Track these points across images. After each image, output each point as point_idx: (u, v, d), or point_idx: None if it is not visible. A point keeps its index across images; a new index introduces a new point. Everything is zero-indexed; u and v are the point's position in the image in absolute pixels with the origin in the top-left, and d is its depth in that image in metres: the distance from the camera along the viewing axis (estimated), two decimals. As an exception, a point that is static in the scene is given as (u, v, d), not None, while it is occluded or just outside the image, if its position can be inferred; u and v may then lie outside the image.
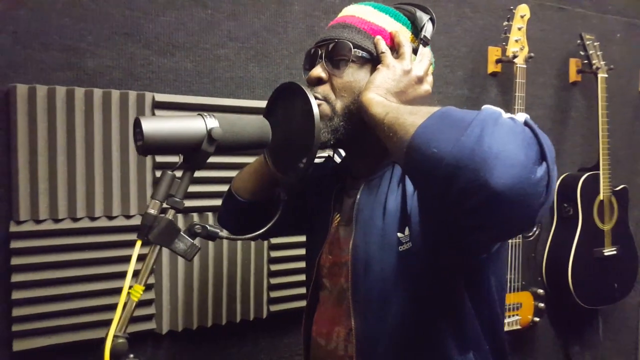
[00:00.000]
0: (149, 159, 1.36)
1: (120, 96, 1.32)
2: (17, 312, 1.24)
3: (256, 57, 1.50)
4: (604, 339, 2.26)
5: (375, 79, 0.85)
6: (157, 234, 0.79)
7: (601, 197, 2.03)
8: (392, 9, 0.95)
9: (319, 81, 0.91)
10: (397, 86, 0.86)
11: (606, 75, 2.04)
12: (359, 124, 0.88)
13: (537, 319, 1.92)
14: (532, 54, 1.84)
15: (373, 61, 0.90)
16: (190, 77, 1.42)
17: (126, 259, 1.31)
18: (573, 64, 2.12)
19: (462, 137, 0.60)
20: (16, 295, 1.24)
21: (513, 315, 1.86)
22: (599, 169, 2.02)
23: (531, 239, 1.92)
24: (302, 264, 1.56)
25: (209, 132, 0.80)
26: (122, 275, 1.31)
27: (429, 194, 0.70)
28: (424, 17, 0.93)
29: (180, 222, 1.40)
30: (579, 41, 2.03)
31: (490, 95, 1.95)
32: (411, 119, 0.69)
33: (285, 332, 1.59)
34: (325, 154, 1.12)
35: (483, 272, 0.88)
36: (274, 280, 1.54)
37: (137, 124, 0.76)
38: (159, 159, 1.36)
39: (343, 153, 1.09)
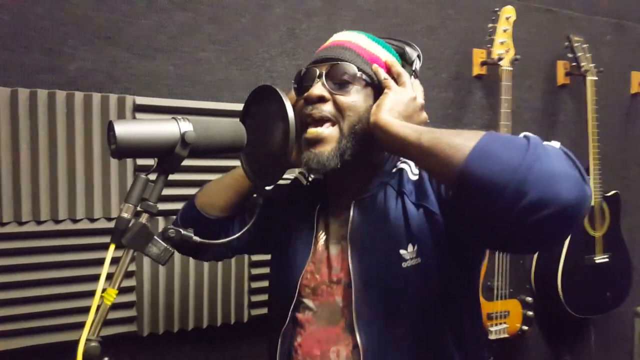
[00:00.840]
0: (129, 161, 1.44)
1: (101, 99, 1.40)
2: (-1, 313, 1.32)
3: (237, 60, 1.59)
4: (597, 349, 2.33)
5: (386, 103, 0.92)
6: (131, 238, 0.84)
7: (591, 202, 2.10)
8: (382, 41, 1.05)
9: (319, 99, 0.95)
10: (406, 110, 0.93)
11: (595, 78, 2.12)
12: (363, 145, 0.96)
13: (525, 328, 1.97)
14: (518, 56, 1.93)
15: (373, 86, 0.98)
16: (171, 80, 1.51)
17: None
18: (561, 67, 2.21)
19: (526, 156, 0.70)
20: (-2, 296, 1.32)
21: (500, 324, 1.92)
22: (588, 174, 2.10)
23: (518, 243, 1.99)
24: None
25: (183, 136, 0.86)
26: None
27: (485, 210, 0.74)
28: (413, 53, 1.05)
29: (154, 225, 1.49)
30: (566, 43, 2.12)
31: (475, 98, 2.04)
32: (459, 139, 0.77)
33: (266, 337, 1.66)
34: (291, 176, 1.18)
35: (474, 280, 1.05)
36: (255, 284, 1.62)
37: (111, 128, 0.81)
38: (140, 161, 1.44)
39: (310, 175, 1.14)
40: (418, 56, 1.05)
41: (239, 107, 1.54)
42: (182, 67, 1.53)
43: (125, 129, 0.83)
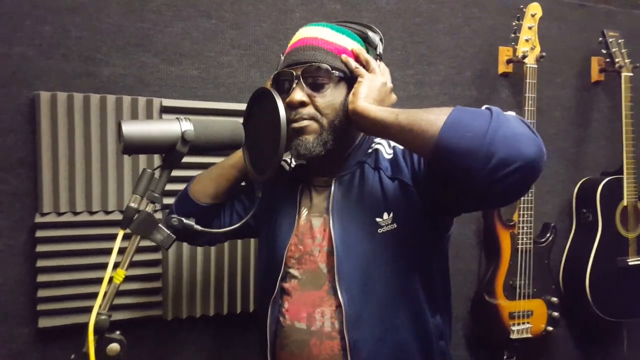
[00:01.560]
0: (156, 159, 1.57)
1: (131, 102, 1.54)
2: (41, 293, 1.48)
3: (257, 63, 1.69)
4: (630, 353, 2.26)
5: (361, 91, 1.04)
6: (137, 225, 0.96)
7: (625, 203, 2.04)
8: (345, 29, 1.14)
9: (300, 104, 1.06)
10: (379, 96, 1.05)
11: (631, 74, 2.06)
12: (343, 133, 1.08)
13: (550, 329, 1.97)
14: (543, 54, 1.91)
15: (346, 79, 1.08)
16: (195, 83, 1.63)
17: (138, 250, 1.52)
18: (595, 63, 2.16)
19: (491, 123, 0.84)
20: (41, 278, 1.48)
21: (523, 323, 1.93)
22: (622, 173, 2.04)
23: (544, 244, 1.98)
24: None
25: (183, 134, 0.97)
26: (133, 264, 1.53)
27: (460, 173, 0.87)
28: (376, 37, 1.15)
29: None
30: (600, 39, 2.07)
31: (501, 95, 2.03)
32: (432, 115, 0.90)
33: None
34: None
35: (444, 245, 1.17)
36: (273, 275, 1.71)
37: (119, 127, 0.94)
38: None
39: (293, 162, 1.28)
40: (380, 39, 1.16)
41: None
42: (206, 70, 1.64)
43: (131, 129, 0.94)
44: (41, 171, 1.47)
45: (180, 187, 1.33)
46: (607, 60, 2.08)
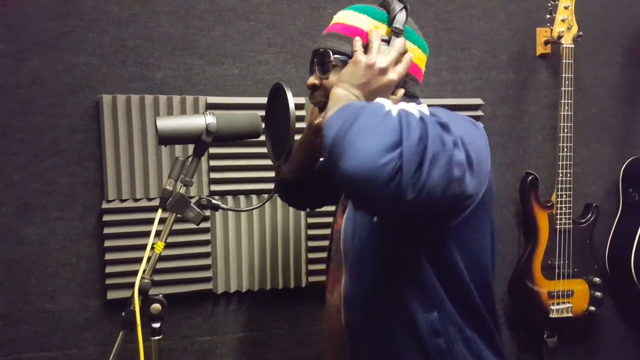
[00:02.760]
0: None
1: (180, 101, 1.71)
2: (109, 269, 1.70)
3: (293, 60, 1.81)
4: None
5: (341, 75, 1.03)
6: (173, 204, 1.14)
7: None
8: (372, 8, 1.11)
9: (313, 87, 1.13)
10: (360, 79, 1.00)
11: (682, 48, 1.96)
12: None
13: (593, 309, 1.94)
14: (581, 33, 1.87)
15: None
16: (237, 81, 1.78)
17: (188, 231, 1.71)
18: (642, 39, 2.07)
19: (338, 131, 0.80)
20: (108, 256, 1.70)
21: (563, 303, 1.91)
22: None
23: (585, 225, 1.95)
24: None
25: (207, 126, 1.13)
26: (186, 244, 1.72)
27: None
28: (396, 8, 1.05)
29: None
30: (646, 14, 1.99)
31: (540, 77, 2.01)
32: (329, 113, 0.91)
33: (323, 302, 1.87)
34: None
35: (443, 242, 1.02)
36: (311, 255, 1.84)
37: (155, 123, 1.11)
38: (212, 150, 1.73)
39: None
40: (404, 8, 1.05)
41: (296, 101, 1.76)
42: (246, 69, 1.78)
43: (164, 123, 1.11)
44: (106, 164, 1.68)
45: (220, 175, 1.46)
46: (655, 35, 2.00)
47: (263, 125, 1.23)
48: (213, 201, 1.19)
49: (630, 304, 2.14)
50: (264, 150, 1.74)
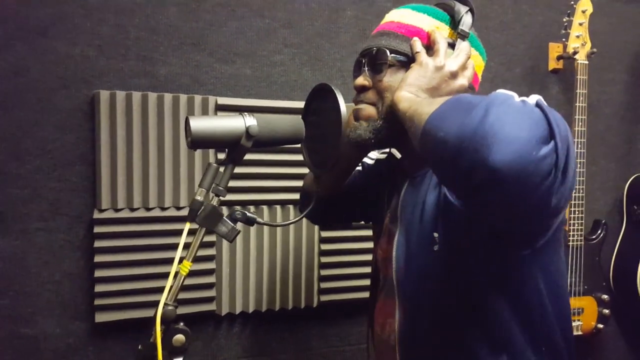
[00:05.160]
0: (212, 157, 1.51)
1: (187, 100, 1.49)
2: (98, 288, 1.44)
3: (310, 62, 1.62)
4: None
5: (407, 78, 0.89)
6: (203, 217, 0.92)
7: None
8: (431, 8, 0.98)
9: (362, 88, 0.97)
10: (429, 83, 0.88)
11: (684, 70, 1.92)
12: (398, 122, 0.88)
13: (601, 326, 1.86)
14: (594, 50, 1.79)
15: (410, 62, 0.93)
16: (249, 82, 1.57)
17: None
18: (646, 59, 2.03)
19: (466, 120, 0.63)
20: (98, 273, 1.44)
21: (574, 321, 1.81)
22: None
23: (595, 241, 1.86)
24: (351, 258, 1.66)
25: (247, 129, 0.92)
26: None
27: (444, 180, 0.75)
28: (462, 10, 0.94)
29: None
30: (652, 34, 1.94)
31: (552, 92, 1.92)
32: (428, 108, 0.74)
33: (334, 322, 1.69)
34: (386, 150, 1.14)
35: (524, 271, 0.85)
36: (324, 272, 1.64)
37: (187, 122, 0.89)
38: (220, 155, 1.51)
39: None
40: (469, 11, 0.94)
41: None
42: (259, 69, 1.58)
43: (199, 124, 0.90)
44: (100, 168, 1.43)
45: (244, 183, 1.27)
46: (659, 56, 1.95)
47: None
48: (248, 214, 0.98)
49: (634, 321, 2.07)
50: (282, 157, 1.59)
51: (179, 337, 0.92)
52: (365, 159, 1.21)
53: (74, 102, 1.42)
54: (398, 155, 1.11)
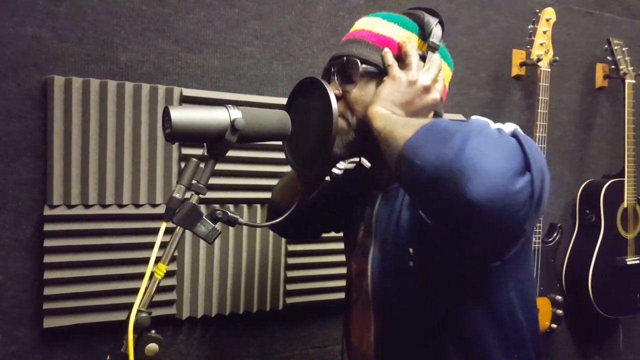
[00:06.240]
0: (175, 150, 1.43)
1: (150, 90, 1.40)
2: (48, 291, 1.32)
3: (280, 56, 1.57)
4: (625, 349, 2.24)
5: (381, 92, 0.87)
6: (181, 217, 0.85)
7: (625, 204, 2.02)
8: (401, 17, 0.95)
9: None
10: (403, 98, 0.86)
11: (634, 81, 2.03)
12: (371, 136, 0.85)
13: (554, 326, 1.92)
14: (556, 58, 1.86)
15: (381, 74, 0.90)
16: (216, 74, 1.50)
17: (151, 246, 1.37)
18: (600, 69, 2.12)
19: (443, 150, 0.63)
20: (48, 275, 1.32)
21: (530, 320, 1.87)
22: (624, 176, 2.01)
23: (551, 244, 1.93)
24: (318, 259, 1.63)
25: (233, 122, 0.86)
26: (147, 261, 1.38)
27: (418, 203, 0.75)
28: (432, 22, 0.92)
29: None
30: (606, 46, 2.03)
31: (514, 98, 1.97)
32: (403, 132, 0.72)
33: (300, 325, 1.64)
34: (356, 159, 1.11)
35: (495, 281, 0.85)
36: (290, 274, 1.59)
37: (166, 113, 0.82)
38: (185, 150, 1.43)
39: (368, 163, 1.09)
40: (439, 22, 0.93)
41: (281, 101, 1.53)
42: (228, 60, 1.51)
43: (180, 115, 0.83)
44: (51, 161, 1.31)
45: (226, 181, 1.21)
46: (612, 67, 2.05)
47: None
48: (230, 214, 0.92)
49: (584, 321, 2.16)
50: (263, 154, 1.51)
51: (152, 347, 0.85)
52: (334, 169, 1.16)
53: (22, 87, 1.30)
54: (367, 164, 1.09)
